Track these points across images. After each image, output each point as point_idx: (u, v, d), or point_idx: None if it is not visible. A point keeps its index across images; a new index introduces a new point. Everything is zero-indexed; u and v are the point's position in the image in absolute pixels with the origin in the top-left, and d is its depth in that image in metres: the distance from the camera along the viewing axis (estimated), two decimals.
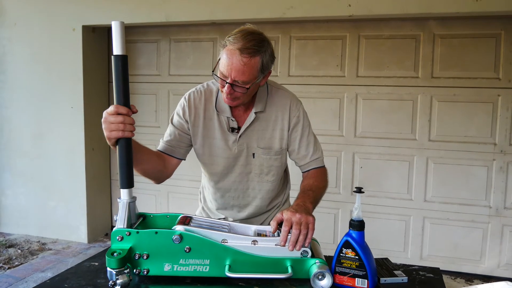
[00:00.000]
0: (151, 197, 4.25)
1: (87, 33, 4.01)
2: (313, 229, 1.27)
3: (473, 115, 3.36)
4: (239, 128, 1.57)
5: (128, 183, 1.26)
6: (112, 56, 1.24)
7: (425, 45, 3.40)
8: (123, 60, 1.24)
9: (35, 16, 4.07)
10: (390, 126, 3.54)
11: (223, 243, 1.23)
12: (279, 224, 1.28)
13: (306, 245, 1.25)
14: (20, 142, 4.28)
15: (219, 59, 1.43)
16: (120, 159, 1.26)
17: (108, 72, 4.32)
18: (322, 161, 1.67)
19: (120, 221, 1.23)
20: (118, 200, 1.27)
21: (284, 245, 1.24)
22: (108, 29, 4.24)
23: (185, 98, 1.61)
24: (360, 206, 1.21)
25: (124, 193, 1.27)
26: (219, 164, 1.61)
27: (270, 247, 1.25)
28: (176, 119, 1.61)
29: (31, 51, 4.15)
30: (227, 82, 1.40)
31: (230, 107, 1.55)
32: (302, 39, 3.69)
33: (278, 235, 1.26)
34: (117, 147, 1.26)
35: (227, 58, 1.38)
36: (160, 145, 1.61)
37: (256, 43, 1.38)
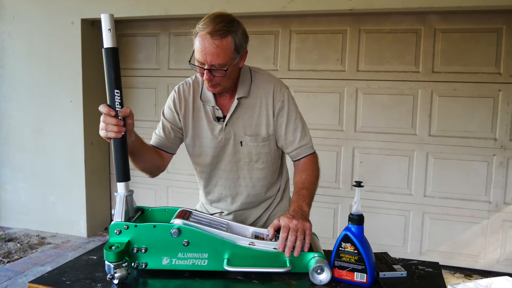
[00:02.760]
0: (150, 191, 4.25)
1: (86, 26, 3.99)
2: (310, 235, 1.28)
3: (474, 110, 3.35)
4: (225, 117, 1.57)
5: (124, 176, 1.27)
6: (102, 49, 1.22)
7: (426, 39, 3.39)
8: (113, 52, 1.21)
9: (33, 10, 4.05)
10: (390, 121, 3.53)
11: None
12: (277, 231, 1.29)
13: (305, 250, 1.25)
14: (19, 137, 4.28)
15: (194, 49, 1.44)
16: (115, 154, 1.27)
17: None
18: (312, 148, 1.63)
19: (118, 214, 1.23)
20: (116, 193, 1.27)
21: (282, 251, 1.23)
22: None
23: (175, 90, 1.63)
24: (360, 200, 1.21)
25: (120, 186, 1.27)
26: (208, 154, 1.61)
27: (267, 251, 1.24)
28: (167, 111, 1.63)
29: (30, 45, 4.13)
30: (205, 69, 1.41)
31: (215, 96, 1.56)
32: (302, 33, 3.67)
33: (276, 241, 1.27)
34: (111, 142, 1.27)
35: (200, 44, 1.40)
36: (153, 140, 1.63)
37: (225, 24, 1.40)
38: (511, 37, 3.22)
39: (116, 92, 1.24)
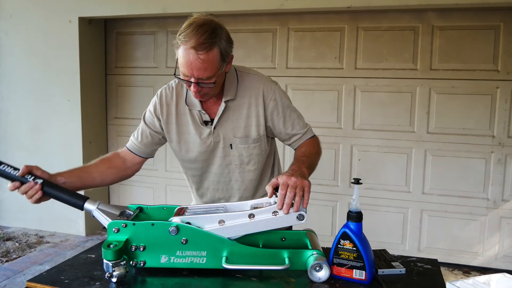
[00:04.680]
0: (148, 190, 4.23)
1: (84, 25, 3.98)
2: (309, 192, 1.25)
3: (472, 107, 3.35)
4: (212, 121, 1.53)
5: (80, 201, 1.30)
6: None
7: (424, 37, 3.38)
8: None
9: (31, 8, 4.04)
10: (388, 119, 3.53)
11: (220, 224, 1.22)
12: (275, 189, 1.26)
13: (304, 206, 1.23)
14: (17, 136, 4.26)
15: (177, 59, 1.38)
16: (55, 198, 1.33)
17: (105, 64, 4.29)
18: (311, 131, 1.62)
19: (104, 223, 1.25)
20: (91, 215, 1.29)
21: (281, 209, 1.21)
22: (105, 21, 4.21)
23: (157, 95, 1.61)
24: (358, 198, 1.21)
25: (87, 207, 1.29)
26: (197, 159, 1.58)
27: (267, 218, 1.23)
28: (148, 116, 1.61)
29: (27, 43, 4.11)
30: (191, 82, 1.37)
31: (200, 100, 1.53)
32: (300, 31, 3.67)
33: (275, 203, 1.24)
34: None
35: (184, 58, 1.33)
36: (129, 143, 1.64)
37: (209, 35, 1.32)
38: (508, 34, 3.22)
39: (2, 167, 1.34)
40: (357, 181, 1.21)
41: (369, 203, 3.57)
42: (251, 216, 1.23)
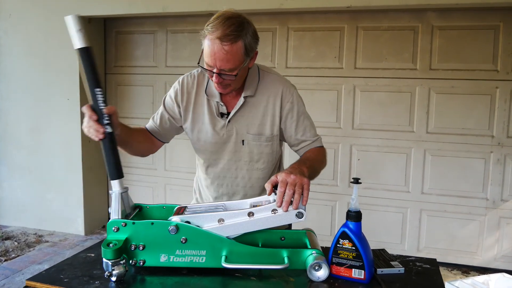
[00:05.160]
0: (148, 189, 4.24)
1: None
2: (308, 190, 1.25)
3: (471, 107, 3.36)
4: (228, 114, 1.55)
5: (117, 174, 1.26)
6: (76, 50, 1.22)
7: (424, 36, 3.39)
8: (88, 52, 1.23)
9: (30, 7, 4.03)
10: (388, 118, 3.53)
11: (220, 223, 1.22)
12: (274, 187, 1.26)
13: (303, 204, 1.23)
14: (17, 135, 4.26)
15: (203, 49, 1.41)
16: (104, 152, 1.27)
17: (105, 63, 4.29)
18: (320, 142, 1.64)
19: (114, 212, 1.23)
20: (110, 192, 1.26)
21: (280, 206, 1.21)
22: (105, 20, 4.21)
23: (178, 81, 1.62)
24: (357, 197, 1.21)
25: (114, 184, 1.26)
26: (207, 149, 1.60)
27: (267, 217, 1.23)
28: (168, 101, 1.63)
29: (26, 43, 4.11)
30: (214, 72, 1.39)
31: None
32: (300, 30, 3.67)
33: (275, 201, 1.24)
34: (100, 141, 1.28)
35: (209, 48, 1.36)
36: (149, 124, 1.65)
37: (235, 28, 1.35)
38: (508, 34, 3.23)
39: (98, 91, 1.25)
40: (356, 181, 1.21)
41: (368, 203, 3.57)
42: (250, 214, 1.23)
